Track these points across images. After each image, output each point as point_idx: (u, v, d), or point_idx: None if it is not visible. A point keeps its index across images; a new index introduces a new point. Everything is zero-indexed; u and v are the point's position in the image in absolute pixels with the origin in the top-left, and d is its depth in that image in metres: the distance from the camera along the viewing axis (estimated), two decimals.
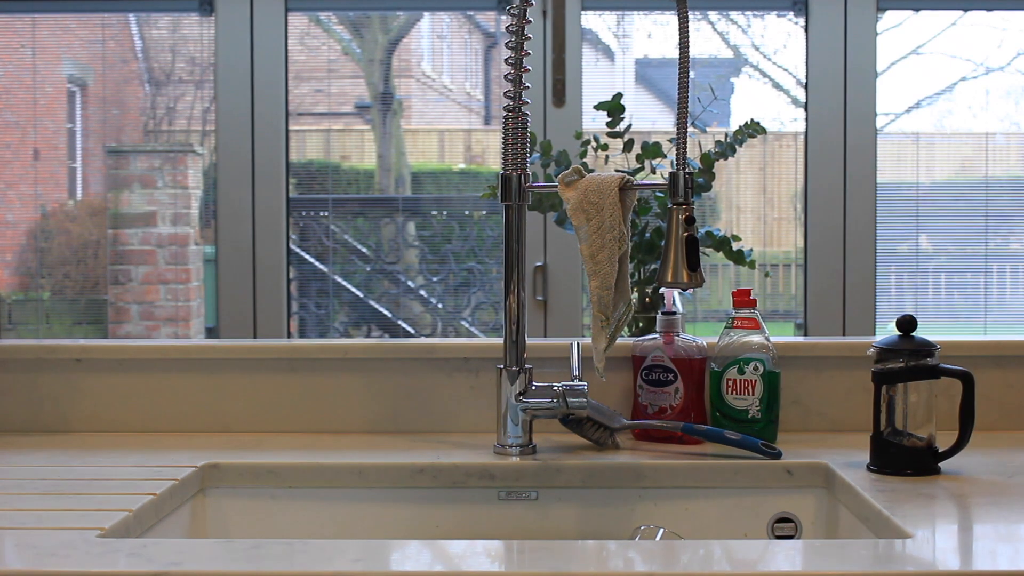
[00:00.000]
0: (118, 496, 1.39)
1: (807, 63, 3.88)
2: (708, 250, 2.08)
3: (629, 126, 2.10)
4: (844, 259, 3.85)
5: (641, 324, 2.02)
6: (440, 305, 4.27)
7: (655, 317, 1.79)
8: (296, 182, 4.19)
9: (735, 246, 2.08)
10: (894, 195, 4.07)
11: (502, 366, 1.64)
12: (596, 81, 3.98)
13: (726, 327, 1.72)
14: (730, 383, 1.70)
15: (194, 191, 4.24)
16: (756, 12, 4.23)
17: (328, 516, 1.58)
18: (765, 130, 2.11)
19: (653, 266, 2.03)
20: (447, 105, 4.97)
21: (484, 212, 4.20)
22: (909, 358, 1.52)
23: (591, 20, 4.07)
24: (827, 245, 3.85)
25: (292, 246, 4.00)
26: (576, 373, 1.65)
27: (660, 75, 4.59)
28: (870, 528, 1.36)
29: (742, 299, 1.72)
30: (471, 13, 4.70)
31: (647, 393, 1.74)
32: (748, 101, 4.44)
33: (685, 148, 1.56)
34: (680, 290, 1.77)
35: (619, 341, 1.92)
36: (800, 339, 2.82)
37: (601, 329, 1.61)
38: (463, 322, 4.24)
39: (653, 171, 2.09)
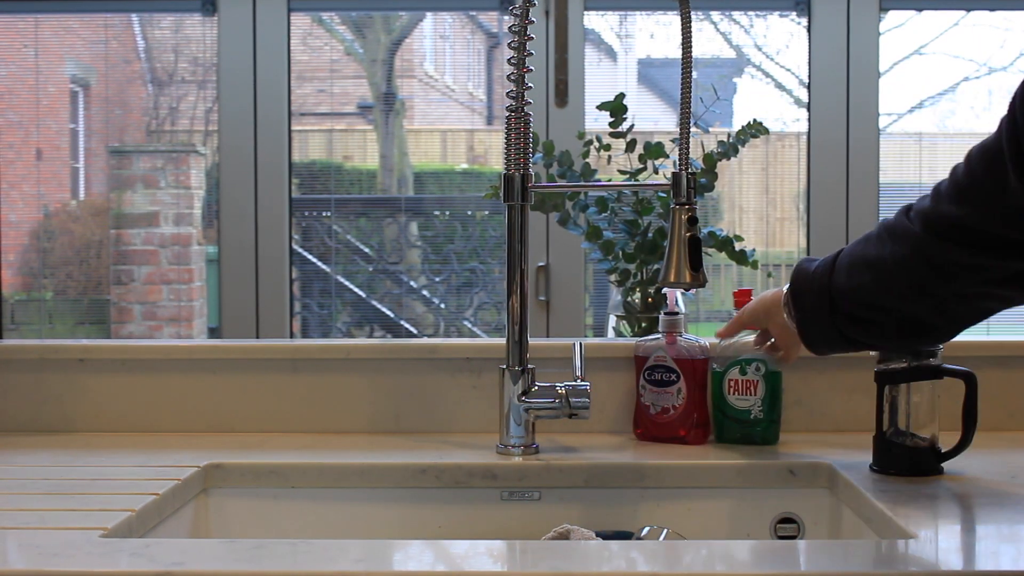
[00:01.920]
0: (121, 496, 1.39)
1: (810, 63, 3.88)
2: (711, 250, 2.08)
3: (632, 126, 2.10)
4: None
5: (644, 324, 2.02)
6: (443, 305, 4.27)
7: (658, 317, 1.79)
8: (299, 182, 4.19)
9: (737, 246, 2.08)
10: (896, 195, 4.06)
11: (505, 366, 1.64)
12: (598, 81, 3.98)
13: None
14: (732, 384, 1.70)
15: (197, 191, 4.25)
16: (759, 12, 4.23)
17: (331, 516, 1.58)
18: (768, 130, 2.11)
19: (656, 266, 2.03)
20: (449, 105, 4.97)
21: (486, 212, 4.20)
22: (912, 358, 1.52)
23: (593, 20, 4.07)
24: (829, 245, 3.84)
25: (294, 246, 4.00)
26: (579, 373, 1.65)
27: (662, 75, 4.59)
28: (873, 528, 1.36)
29: (743, 300, 1.72)
30: (473, 13, 4.70)
31: (650, 393, 1.74)
32: (751, 101, 4.44)
33: (688, 148, 1.56)
34: (683, 290, 1.77)
35: (621, 341, 1.92)
36: None
37: None
38: (465, 322, 4.24)
39: (656, 171, 2.09)
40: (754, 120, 2.11)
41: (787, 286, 1.54)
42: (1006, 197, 1.28)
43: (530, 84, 1.60)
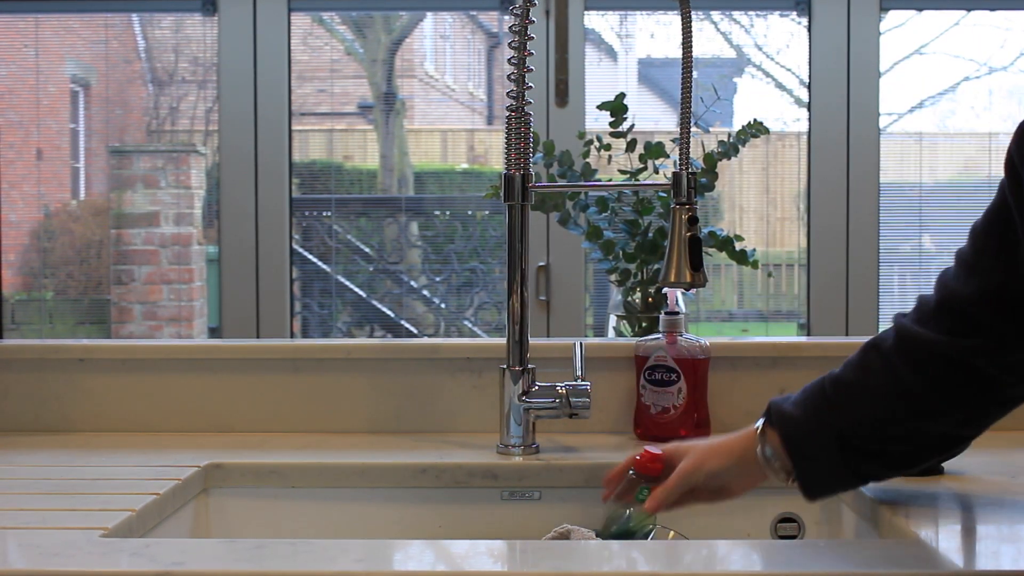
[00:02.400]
0: (121, 496, 1.39)
1: (810, 63, 3.88)
2: (711, 250, 2.08)
3: (632, 126, 2.10)
4: (847, 259, 3.85)
5: (644, 324, 2.02)
6: (443, 305, 4.27)
7: (658, 317, 1.79)
8: (299, 182, 4.19)
9: (738, 246, 2.08)
10: (897, 195, 4.06)
11: (505, 366, 1.64)
12: (599, 81, 3.98)
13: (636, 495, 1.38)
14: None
15: (197, 191, 4.25)
16: (759, 12, 4.23)
17: (331, 516, 1.58)
18: (768, 130, 2.11)
19: (656, 266, 2.03)
20: (450, 105, 4.97)
21: (487, 212, 4.20)
22: None
23: (594, 20, 4.07)
24: (830, 245, 3.85)
25: (295, 246, 4.01)
26: (579, 373, 1.65)
27: (663, 75, 4.59)
28: (873, 528, 1.36)
29: (655, 466, 1.40)
30: (474, 13, 4.70)
31: (650, 393, 1.74)
32: (751, 101, 4.44)
33: (688, 148, 1.56)
34: (683, 290, 1.77)
35: (622, 341, 1.92)
36: (803, 339, 2.82)
37: None
38: (466, 322, 4.24)
39: (656, 171, 2.09)
40: (754, 120, 2.11)
41: (762, 430, 1.31)
42: (1020, 252, 1.17)
43: (530, 84, 1.60)
